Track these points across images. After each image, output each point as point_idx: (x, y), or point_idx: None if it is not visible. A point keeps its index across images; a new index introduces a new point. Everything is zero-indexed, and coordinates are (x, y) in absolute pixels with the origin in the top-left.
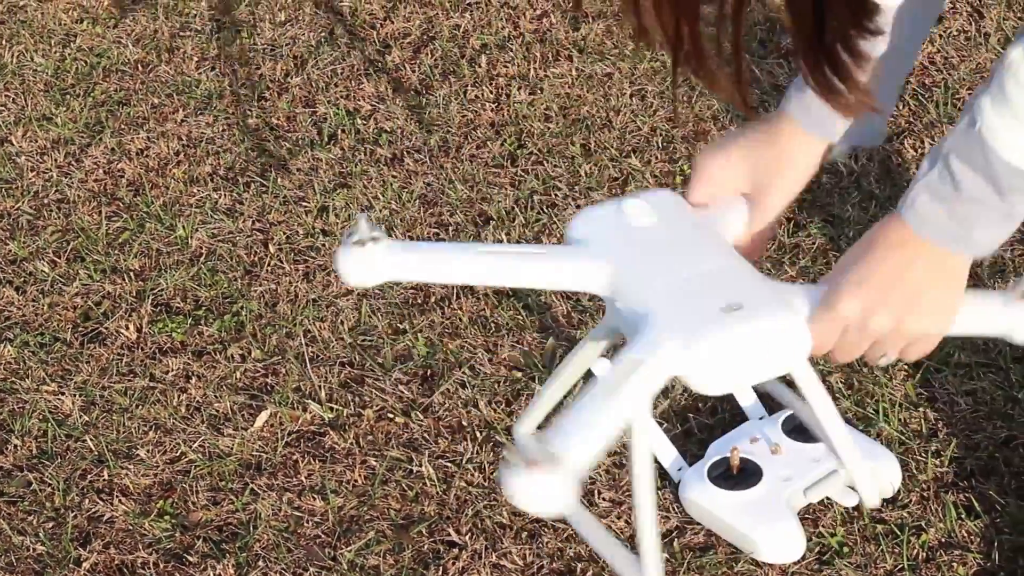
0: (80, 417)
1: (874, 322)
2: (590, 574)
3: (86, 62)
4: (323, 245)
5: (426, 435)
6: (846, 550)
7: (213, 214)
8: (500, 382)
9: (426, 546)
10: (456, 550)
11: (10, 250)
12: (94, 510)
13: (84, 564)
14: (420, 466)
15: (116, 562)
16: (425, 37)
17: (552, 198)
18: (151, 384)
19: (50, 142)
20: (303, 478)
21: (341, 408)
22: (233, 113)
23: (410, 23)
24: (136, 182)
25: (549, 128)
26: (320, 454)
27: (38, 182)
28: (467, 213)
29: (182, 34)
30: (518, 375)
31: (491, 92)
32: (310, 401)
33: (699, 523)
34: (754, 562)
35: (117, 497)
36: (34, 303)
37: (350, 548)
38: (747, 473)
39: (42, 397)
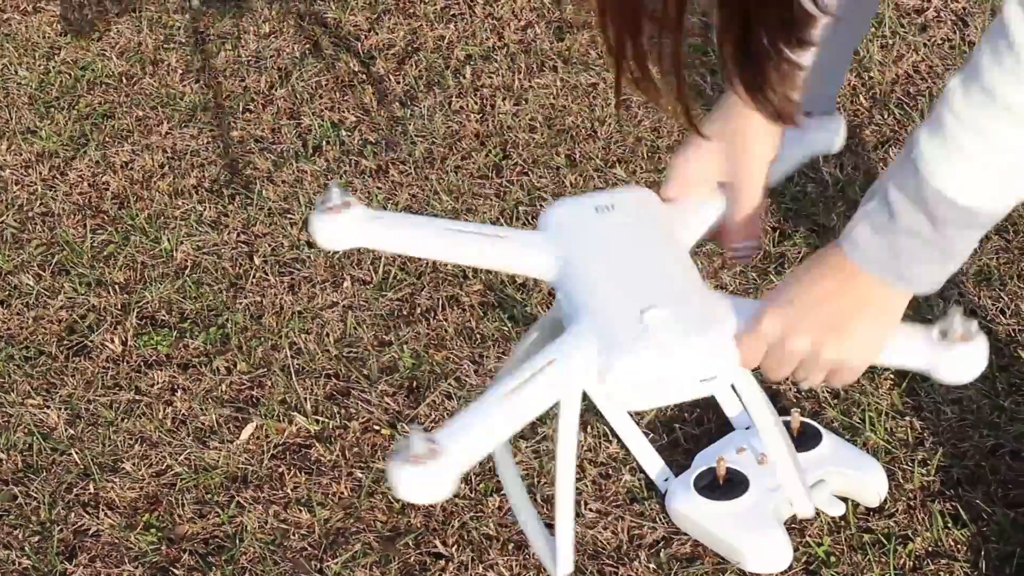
0: (65, 431)
1: (793, 343)
2: None
3: (70, 75)
4: (308, 257)
5: None
6: (833, 560)
7: (198, 226)
8: None
9: (412, 558)
10: (443, 562)
11: None
12: (80, 524)
13: None
14: None
15: None
16: (409, 48)
17: (537, 209)
18: (136, 397)
19: (34, 155)
20: (289, 491)
21: (327, 420)
22: (218, 125)
23: (394, 34)
24: (121, 195)
25: (534, 139)
26: (306, 466)
27: (22, 195)
28: None
29: (166, 46)
30: None
31: (476, 103)
32: (296, 413)
33: (686, 533)
34: (741, 572)
35: (103, 511)
36: (19, 316)
37: (336, 560)
38: (734, 483)
39: (27, 411)
